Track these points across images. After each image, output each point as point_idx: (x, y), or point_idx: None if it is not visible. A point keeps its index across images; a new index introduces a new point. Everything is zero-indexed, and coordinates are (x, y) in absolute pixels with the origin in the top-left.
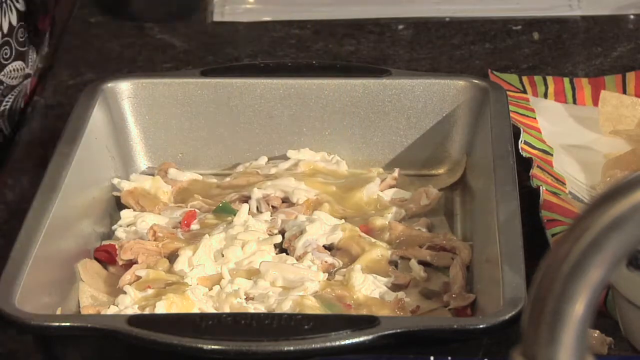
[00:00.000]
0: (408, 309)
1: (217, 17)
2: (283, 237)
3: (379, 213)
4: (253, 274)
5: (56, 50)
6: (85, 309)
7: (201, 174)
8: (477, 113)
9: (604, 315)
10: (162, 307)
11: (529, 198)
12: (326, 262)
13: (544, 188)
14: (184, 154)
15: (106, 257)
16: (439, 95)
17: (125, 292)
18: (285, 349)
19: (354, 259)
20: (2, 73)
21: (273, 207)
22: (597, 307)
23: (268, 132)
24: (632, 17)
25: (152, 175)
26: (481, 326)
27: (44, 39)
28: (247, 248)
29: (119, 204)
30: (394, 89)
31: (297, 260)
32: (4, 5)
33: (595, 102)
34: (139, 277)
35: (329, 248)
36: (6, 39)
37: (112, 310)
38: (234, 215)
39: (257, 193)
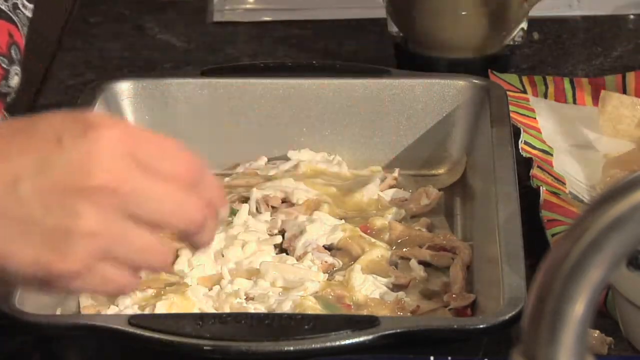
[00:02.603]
0: (408, 309)
1: (217, 17)
2: (283, 237)
3: (379, 213)
4: (253, 274)
5: (56, 50)
6: (85, 309)
7: None
8: (477, 113)
9: (604, 315)
10: (162, 307)
11: (529, 198)
12: (326, 262)
13: (544, 188)
14: None
15: None
16: (439, 95)
17: None
18: (285, 349)
19: (354, 259)
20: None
21: (273, 207)
22: (597, 307)
23: (268, 132)
24: (632, 17)
25: None
26: (481, 326)
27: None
28: (247, 248)
29: None
30: (394, 89)
31: (297, 260)
32: None
33: (595, 102)
34: None
35: (329, 248)
36: None
37: (112, 310)
38: (234, 215)
39: (256, 193)
